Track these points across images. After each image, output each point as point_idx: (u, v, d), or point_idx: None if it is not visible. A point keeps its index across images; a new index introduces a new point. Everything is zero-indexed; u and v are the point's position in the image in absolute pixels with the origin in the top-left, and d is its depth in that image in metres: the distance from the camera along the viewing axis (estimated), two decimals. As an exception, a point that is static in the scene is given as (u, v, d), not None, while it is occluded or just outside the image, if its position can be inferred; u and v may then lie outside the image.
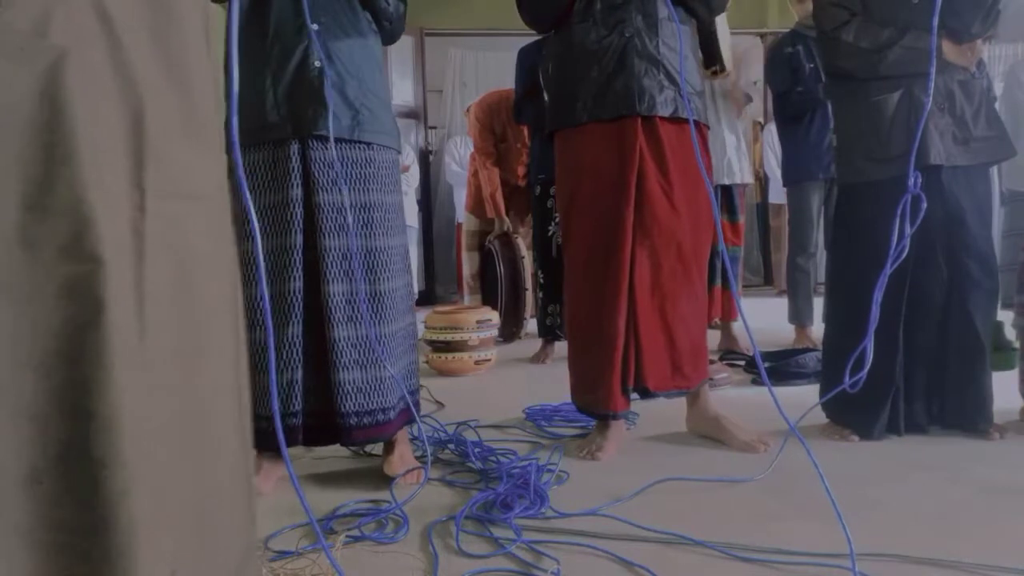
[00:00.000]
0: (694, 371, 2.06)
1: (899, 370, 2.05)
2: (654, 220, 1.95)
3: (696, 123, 1.93)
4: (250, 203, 0.87)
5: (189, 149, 0.70)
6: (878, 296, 1.59)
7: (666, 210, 1.96)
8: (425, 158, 6.95)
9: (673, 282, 1.99)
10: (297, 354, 1.73)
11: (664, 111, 1.95)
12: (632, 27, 1.94)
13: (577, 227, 2.03)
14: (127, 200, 0.62)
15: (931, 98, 1.72)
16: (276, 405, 1.09)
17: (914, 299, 2.05)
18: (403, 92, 6.46)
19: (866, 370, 1.61)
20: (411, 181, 6.22)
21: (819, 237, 3.67)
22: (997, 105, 2.81)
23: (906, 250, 1.66)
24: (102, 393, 0.57)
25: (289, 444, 1.78)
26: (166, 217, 0.65)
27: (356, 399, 1.73)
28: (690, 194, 1.99)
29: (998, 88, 4.03)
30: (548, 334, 3.68)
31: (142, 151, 0.63)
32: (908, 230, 1.65)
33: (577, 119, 1.99)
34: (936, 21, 1.59)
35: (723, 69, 2.99)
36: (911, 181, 1.63)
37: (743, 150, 3.64)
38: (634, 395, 2.03)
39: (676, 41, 1.95)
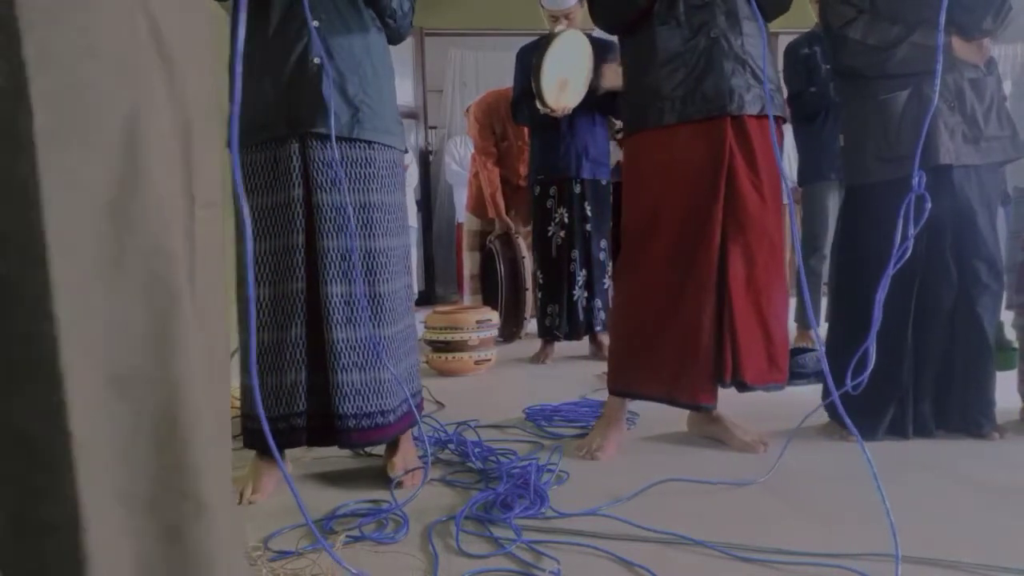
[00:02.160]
0: (785, 363, 2.07)
1: (907, 373, 2.04)
2: (747, 216, 1.95)
3: (777, 118, 1.95)
4: (246, 208, 0.93)
5: (208, 158, 0.80)
6: (880, 296, 1.58)
7: (758, 205, 1.96)
8: (425, 158, 6.96)
9: (767, 276, 1.99)
10: (301, 354, 1.72)
11: (752, 109, 1.95)
12: (717, 28, 1.94)
13: (663, 225, 2.01)
14: (183, 206, 0.73)
15: (938, 95, 1.69)
16: (260, 407, 1.11)
17: (923, 301, 2.03)
18: (403, 92, 6.46)
19: (868, 372, 1.60)
20: (411, 181, 6.24)
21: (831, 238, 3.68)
22: (1008, 103, 2.79)
23: (909, 251, 1.64)
24: (179, 365, 0.68)
25: (294, 445, 1.78)
26: (202, 220, 0.76)
27: (355, 401, 1.72)
28: (775, 188, 2.00)
29: (1006, 88, 4.03)
30: (547, 334, 3.68)
31: (191, 163, 0.74)
32: (912, 231, 1.64)
33: (664, 121, 1.98)
34: (943, 17, 1.57)
35: None
36: (915, 181, 1.62)
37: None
38: (731, 387, 2.02)
39: (756, 39, 1.96)
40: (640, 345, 2.06)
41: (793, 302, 3.77)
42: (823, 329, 2.39)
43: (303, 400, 1.73)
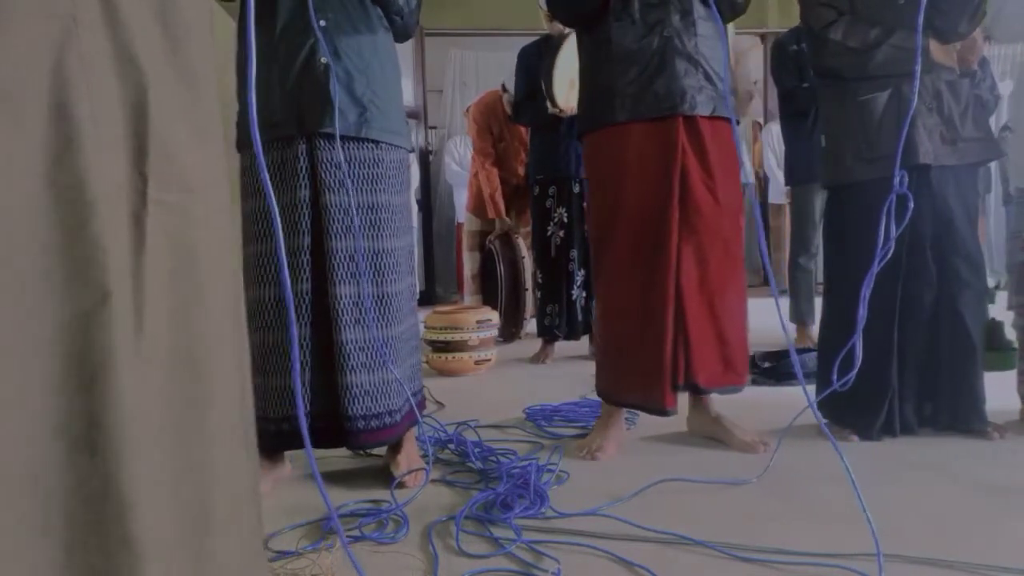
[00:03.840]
0: (743, 366, 2.06)
1: (894, 371, 2.05)
2: (700, 217, 1.95)
3: (729, 120, 1.94)
4: (274, 203, 0.88)
5: (192, 139, 0.69)
6: (865, 294, 1.59)
7: (711, 206, 1.96)
8: (425, 158, 6.96)
9: (721, 277, 1.99)
10: (306, 356, 1.72)
11: (704, 110, 1.95)
12: (671, 27, 1.94)
13: (620, 226, 2.01)
14: (129, 187, 0.61)
15: (917, 96, 1.71)
16: (301, 405, 1.05)
17: (906, 300, 2.05)
18: (403, 92, 6.45)
19: (856, 369, 1.60)
20: (411, 181, 6.23)
21: (820, 237, 3.68)
22: (1007, 102, 2.78)
23: (892, 249, 1.65)
24: (107, 383, 0.57)
25: (296, 446, 1.78)
26: (167, 207, 0.64)
27: (363, 402, 1.72)
28: (730, 189, 2.00)
29: (1005, 88, 4.04)
30: (547, 334, 3.68)
31: (145, 137, 0.63)
32: (894, 229, 1.65)
33: (616, 119, 1.98)
34: (921, 20, 1.59)
35: None
36: (897, 180, 1.63)
37: (742, 150, 3.64)
38: (684, 391, 2.02)
39: (711, 40, 1.96)
40: (614, 350, 2.08)
41: (788, 302, 3.81)
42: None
43: (308, 402, 1.73)
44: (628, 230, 1.99)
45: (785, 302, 3.85)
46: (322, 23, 1.69)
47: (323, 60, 1.69)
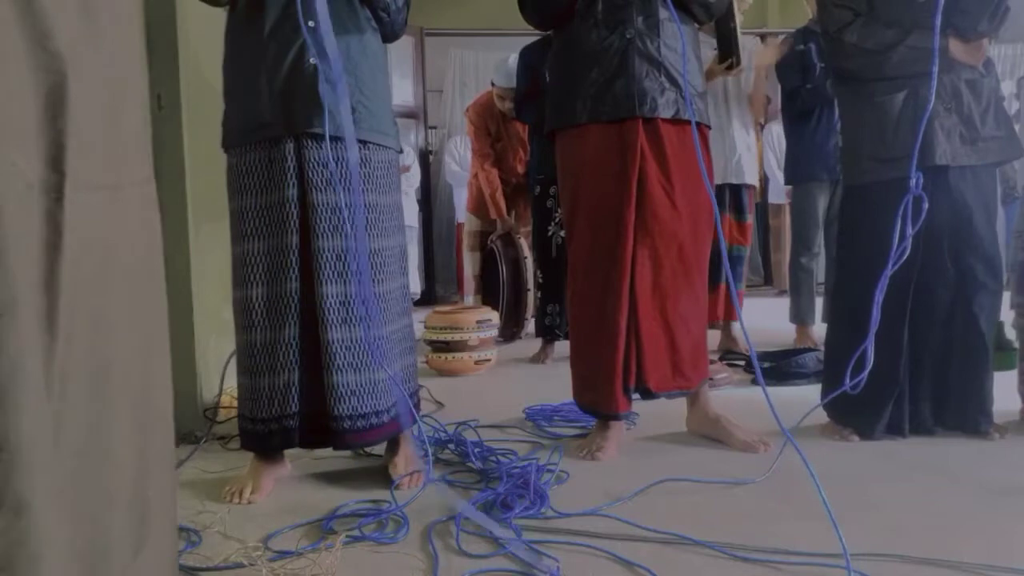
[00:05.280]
0: (694, 372, 2.06)
1: (903, 371, 2.04)
2: (655, 220, 1.95)
3: (698, 124, 1.93)
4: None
5: (114, 128, 0.63)
6: (879, 297, 1.59)
7: (668, 210, 1.96)
8: (425, 158, 6.96)
9: (674, 282, 1.99)
10: (294, 355, 1.72)
11: (666, 113, 1.94)
12: (633, 28, 1.93)
13: (579, 227, 2.03)
14: (42, 186, 0.55)
15: (934, 97, 1.70)
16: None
17: (920, 300, 2.03)
18: (403, 92, 6.45)
19: (867, 371, 1.60)
20: (411, 181, 6.22)
21: (822, 237, 3.67)
22: (1013, 103, 2.77)
23: (907, 251, 1.65)
24: (11, 402, 0.51)
25: (286, 446, 1.78)
26: (87, 208, 0.58)
27: (349, 402, 1.72)
28: (692, 195, 1.99)
29: (1005, 88, 4.03)
30: (547, 334, 3.68)
31: (63, 132, 0.57)
32: (909, 231, 1.65)
33: (576, 119, 1.99)
34: (939, 20, 1.58)
35: (738, 63, 2.98)
36: (912, 182, 1.62)
37: (753, 151, 3.63)
38: (635, 395, 2.03)
39: (677, 42, 1.95)
40: (576, 352, 2.09)
41: (785, 301, 3.80)
42: (821, 328, 2.39)
43: (296, 401, 1.73)
44: (586, 231, 2.00)
45: (784, 302, 3.86)
46: (310, 24, 1.69)
47: (311, 61, 1.69)
